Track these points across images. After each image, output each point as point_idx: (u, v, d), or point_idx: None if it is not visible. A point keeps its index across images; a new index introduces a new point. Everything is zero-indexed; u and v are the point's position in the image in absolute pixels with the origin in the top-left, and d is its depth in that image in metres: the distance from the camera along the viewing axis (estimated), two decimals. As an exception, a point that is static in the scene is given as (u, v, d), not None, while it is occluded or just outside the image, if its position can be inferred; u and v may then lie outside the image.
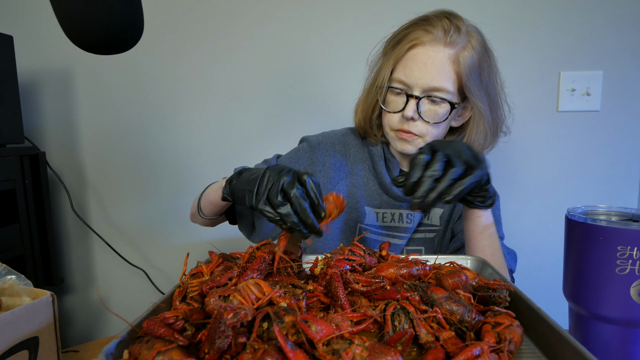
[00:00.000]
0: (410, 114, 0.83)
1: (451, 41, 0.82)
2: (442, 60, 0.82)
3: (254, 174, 0.65)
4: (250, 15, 1.46)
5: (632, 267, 0.55)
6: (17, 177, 1.26)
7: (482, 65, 0.85)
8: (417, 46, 0.83)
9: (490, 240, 0.80)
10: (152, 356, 0.39)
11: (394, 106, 0.87)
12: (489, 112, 0.88)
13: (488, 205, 0.76)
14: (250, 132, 1.53)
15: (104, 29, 0.58)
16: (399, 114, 0.86)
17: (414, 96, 0.83)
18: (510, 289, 0.56)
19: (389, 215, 0.97)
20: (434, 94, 0.83)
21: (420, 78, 0.82)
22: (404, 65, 0.84)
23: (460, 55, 0.83)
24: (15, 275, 0.62)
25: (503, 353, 0.43)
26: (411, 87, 0.84)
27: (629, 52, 1.40)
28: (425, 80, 0.82)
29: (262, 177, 0.62)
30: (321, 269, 0.59)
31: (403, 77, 0.84)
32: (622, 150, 1.45)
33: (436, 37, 0.82)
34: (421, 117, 0.84)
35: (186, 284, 0.57)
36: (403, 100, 0.85)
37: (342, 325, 0.45)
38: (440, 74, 0.82)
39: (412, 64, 0.83)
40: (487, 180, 0.72)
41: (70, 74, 1.53)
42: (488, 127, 0.90)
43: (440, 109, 0.85)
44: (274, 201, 0.59)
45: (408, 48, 0.84)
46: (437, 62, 0.82)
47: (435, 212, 0.98)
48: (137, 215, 1.60)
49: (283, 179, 0.60)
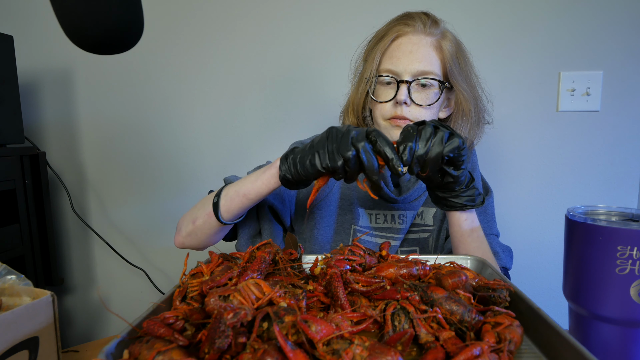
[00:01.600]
0: (403, 98, 0.86)
1: (431, 32, 0.88)
2: (426, 46, 0.88)
3: (313, 140, 0.69)
4: (250, 15, 1.46)
5: (632, 267, 0.55)
6: (17, 177, 1.26)
7: (459, 55, 0.91)
8: (401, 37, 0.89)
9: (480, 241, 0.80)
10: (152, 356, 0.39)
11: (385, 95, 0.90)
12: (472, 98, 0.93)
13: (479, 204, 0.77)
14: (251, 132, 1.53)
15: (104, 29, 0.58)
16: (390, 102, 0.89)
17: (404, 81, 0.86)
18: (510, 289, 0.56)
19: (381, 217, 0.97)
20: (422, 77, 0.87)
21: (408, 64, 0.87)
22: (390, 56, 0.89)
23: (442, 42, 0.89)
24: (15, 275, 0.62)
25: (503, 353, 0.43)
26: (400, 74, 0.87)
27: (629, 52, 1.40)
28: (413, 65, 0.87)
29: (327, 137, 0.66)
30: (321, 269, 0.59)
31: (391, 66, 0.88)
32: (622, 150, 1.45)
33: (417, 28, 0.88)
34: (413, 101, 0.87)
35: (186, 284, 0.57)
36: (393, 89, 0.88)
37: (342, 325, 0.45)
38: (426, 58, 0.87)
39: (398, 52, 0.88)
40: (470, 177, 0.74)
41: (70, 74, 1.53)
42: (472, 115, 0.94)
43: (431, 91, 0.88)
44: (346, 153, 0.63)
45: (392, 40, 0.89)
46: (422, 48, 0.87)
47: (428, 212, 0.98)
48: (137, 215, 1.60)
49: (352, 133, 0.64)
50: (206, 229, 0.84)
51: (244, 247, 0.91)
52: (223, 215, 0.81)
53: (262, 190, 0.77)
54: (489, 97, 0.98)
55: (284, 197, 0.96)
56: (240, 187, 0.79)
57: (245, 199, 0.79)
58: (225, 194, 0.81)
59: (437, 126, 0.67)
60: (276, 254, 0.62)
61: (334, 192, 0.99)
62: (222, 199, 0.81)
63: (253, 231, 0.92)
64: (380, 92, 0.91)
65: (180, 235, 0.88)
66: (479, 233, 0.80)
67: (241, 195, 0.79)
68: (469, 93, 0.92)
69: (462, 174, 0.71)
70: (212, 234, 0.86)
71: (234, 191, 0.80)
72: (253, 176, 0.79)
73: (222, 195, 0.81)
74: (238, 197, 0.79)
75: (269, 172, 0.76)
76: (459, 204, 0.76)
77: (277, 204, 0.94)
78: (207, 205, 0.83)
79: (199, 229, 0.85)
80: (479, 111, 0.95)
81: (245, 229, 0.92)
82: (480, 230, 0.81)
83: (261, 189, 0.77)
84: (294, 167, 0.69)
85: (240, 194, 0.79)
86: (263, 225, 0.92)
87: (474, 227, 0.80)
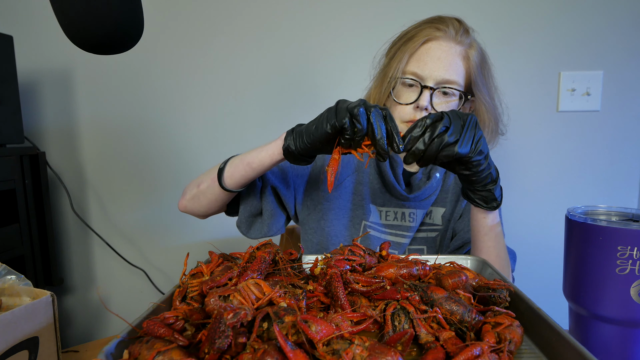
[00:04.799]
0: (425, 104, 0.86)
1: (461, 40, 0.88)
2: (454, 55, 0.87)
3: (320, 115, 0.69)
4: (249, 15, 1.46)
5: (632, 267, 0.55)
6: (17, 177, 1.26)
7: (484, 66, 0.92)
8: (431, 41, 0.88)
9: (496, 241, 0.81)
10: (152, 356, 0.39)
11: (406, 98, 0.89)
12: (492, 107, 0.94)
13: (490, 207, 0.76)
14: (251, 132, 1.53)
15: (104, 29, 0.58)
16: (411, 106, 0.88)
17: (428, 87, 0.87)
18: (510, 289, 0.56)
19: (392, 214, 0.97)
20: (446, 86, 0.87)
21: (435, 70, 0.86)
22: (418, 59, 0.88)
23: (469, 52, 0.89)
24: (15, 275, 0.62)
25: (503, 353, 0.43)
26: (424, 79, 0.87)
27: (629, 52, 1.40)
28: (439, 73, 0.86)
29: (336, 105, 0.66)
30: (321, 269, 0.59)
31: (417, 69, 0.88)
32: (622, 150, 1.45)
33: (449, 34, 0.87)
34: (434, 108, 0.87)
35: (186, 284, 0.57)
36: (415, 92, 0.88)
37: (342, 325, 0.45)
38: (453, 67, 0.87)
39: (426, 57, 0.87)
40: (491, 180, 0.73)
41: (70, 74, 1.53)
42: (489, 123, 0.94)
43: (452, 101, 0.89)
44: (355, 110, 0.62)
45: (422, 43, 0.88)
46: (450, 57, 0.87)
47: (437, 211, 0.98)
48: (137, 215, 1.60)
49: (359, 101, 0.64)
50: (209, 194, 0.86)
51: (244, 224, 0.93)
52: (226, 182, 0.83)
53: (265, 161, 0.79)
54: (505, 110, 0.99)
55: (290, 182, 0.96)
56: (246, 155, 0.82)
57: (249, 168, 0.81)
58: (231, 162, 0.84)
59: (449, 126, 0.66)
60: (276, 254, 0.62)
61: (344, 186, 0.99)
62: (227, 165, 0.84)
63: (254, 210, 0.93)
64: (401, 94, 0.90)
65: (184, 198, 0.91)
66: (498, 230, 0.81)
67: (245, 163, 0.81)
68: (490, 105, 0.93)
69: (473, 173, 0.71)
70: (214, 200, 0.87)
71: (240, 159, 0.83)
72: (260, 147, 0.81)
73: (229, 163, 0.84)
74: (242, 164, 0.81)
75: (274, 143, 0.77)
76: (472, 199, 0.77)
77: (281, 188, 0.94)
78: (213, 171, 0.86)
79: (202, 193, 0.87)
80: (496, 120, 0.96)
81: (247, 206, 0.92)
82: (499, 227, 0.81)
83: (264, 159, 0.78)
84: (299, 136, 0.70)
85: (244, 162, 0.81)
86: (264, 205, 0.92)
87: (492, 225, 0.80)
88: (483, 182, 0.73)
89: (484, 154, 0.69)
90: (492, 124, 0.95)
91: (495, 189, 0.74)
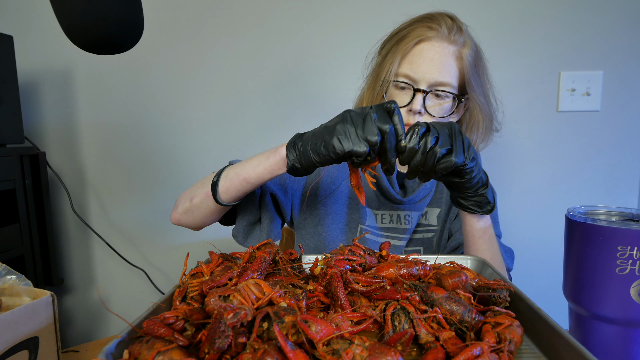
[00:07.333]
0: (418, 108, 0.85)
1: (455, 39, 0.86)
2: (448, 55, 0.85)
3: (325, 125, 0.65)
4: (250, 14, 1.46)
5: (632, 267, 0.55)
6: (17, 177, 1.26)
7: (478, 63, 0.90)
8: (424, 42, 0.85)
9: (489, 243, 0.80)
10: (152, 356, 0.39)
11: (399, 101, 0.87)
12: (486, 107, 0.92)
13: (485, 211, 0.75)
14: (251, 131, 1.53)
15: (104, 29, 0.58)
16: (404, 109, 0.87)
17: (421, 90, 0.85)
18: (510, 289, 0.56)
19: (387, 217, 0.97)
20: (439, 88, 0.85)
21: (427, 73, 0.84)
22: (410, 61, 0.86)
23: (463, 52, 0.87)
24: (15, 275, 0.62)
25: (503, 353, 0.43)
26: (417, 81, 0.85)
27: (629, 52, 1.40)
28: (432, 75, 0.84)
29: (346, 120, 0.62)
30: (321, 269, 0.59)
31: (409, 71, 0.86)
32: (622, 150, 1.45)
33: (441, 34, 0.85)
34: (427, 111, 0.86)
35: (186, 284, 0.57)
36: (408, 95, 0.86)
37: (342, 325, 0.45)
38: (446, 68, 0.85)
39: (419, 59, 0.85)
40: (482, 184, 0.72)
41: (70, 74, 1.53)
42: (483, 122, 0.93)
43: (445, 103, 0.87)
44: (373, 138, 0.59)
45: (415, 44, 0.85)
46: (443, 58, 0.85)
47: (432, 212, 0.98)
48: (137, 215, 1.60)
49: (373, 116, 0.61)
50: (203, 208, 0.82)
51: (241, 233, 0.90)
52: (221, 196, 0.79)
53: (265, 176, 0.75)
54: (500, 105, 0.97)
55: (287, 188, 0.95)
56: (241, 170, 0.77)
57: (245, 183, 0.77)
58: (225, 175, 0.79)
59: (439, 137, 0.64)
60: (276, 254, 0.62)
61: (340, 190, 0.98)
62: (221, 179, 0.79)
63: (253, 219, 0.90)
64: (394, 97, 0.88)
65: (176, 211, 0.86)
66: (490, 232, 0.80)
67: (241, 178, 0.77)
68: (483, 104, 0.91)
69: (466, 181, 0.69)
70: (209, 214, 0.84)
71: (235, 173, 0.78)
72: (255, 160, 0.76)
73: (223, 176, 0.79)
74: (238, 179, 0.77)
75: (273, 158, 0.73)
76: (465, 205, 0.75)
77: (280, 194, 0.93)
78: (206, 184, 0.81)
79: (195, 207, 0.83)
80: (490, 119, 0.95)
81: (245, 215, 0.89)
82: (491, 229, 0.80)
83: (263, 174, 0.75)
84: (305, 153, 0.65)
85: (240, 177, 0.77)
86: (264, 213, 0.91)
87: (485, 228, 0.78)
88: (475, 188, 0.72)
89: (475, 160, 0.68)
90: (486, 122, 0.94)
91: (487, 192, 0.73)
